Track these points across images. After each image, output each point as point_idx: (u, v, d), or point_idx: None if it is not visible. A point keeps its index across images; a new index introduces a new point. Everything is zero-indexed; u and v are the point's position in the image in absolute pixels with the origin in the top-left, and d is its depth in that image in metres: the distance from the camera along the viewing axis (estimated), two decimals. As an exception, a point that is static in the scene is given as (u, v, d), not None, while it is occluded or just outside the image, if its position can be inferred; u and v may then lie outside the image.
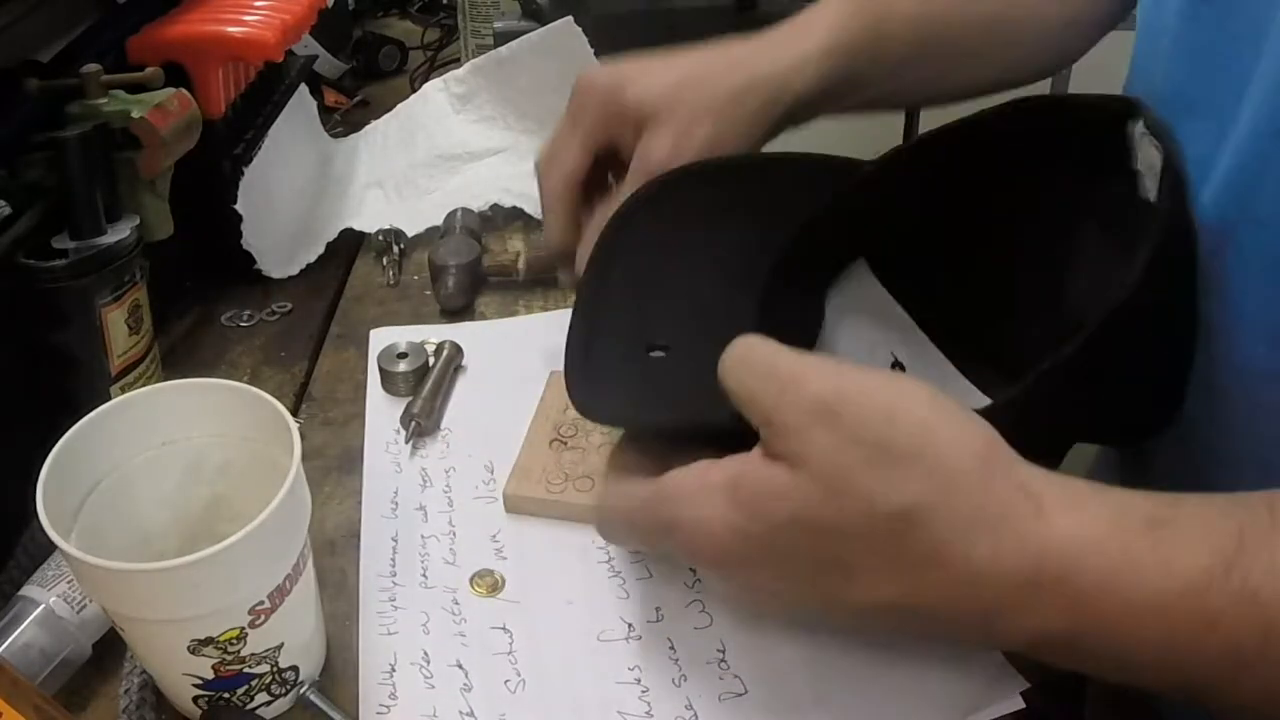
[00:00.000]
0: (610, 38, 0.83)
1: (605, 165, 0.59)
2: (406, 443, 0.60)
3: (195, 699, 0.44)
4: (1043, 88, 0.59)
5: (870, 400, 0.37)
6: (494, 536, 0.54)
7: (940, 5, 0.63)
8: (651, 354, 0.51)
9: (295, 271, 0.77)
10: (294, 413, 0.64)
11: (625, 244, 0.55)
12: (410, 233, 0.80)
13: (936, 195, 0.53)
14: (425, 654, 0.48)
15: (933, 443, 0.36)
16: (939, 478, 0.35)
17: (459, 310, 0.72)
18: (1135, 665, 0.36)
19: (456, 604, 0.51)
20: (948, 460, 0.35)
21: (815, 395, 0.37)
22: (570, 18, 0.83)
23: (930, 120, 0.54)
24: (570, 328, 0.52)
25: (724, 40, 0.61)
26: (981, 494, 0.35)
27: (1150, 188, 0.45)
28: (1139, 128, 0.46)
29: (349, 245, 0.81)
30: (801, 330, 0.56)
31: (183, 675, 0.43)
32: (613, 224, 0.56)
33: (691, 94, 0.57)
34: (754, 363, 0.39)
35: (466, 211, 0.79)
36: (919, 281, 0.56)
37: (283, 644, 0.44)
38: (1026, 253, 0.53)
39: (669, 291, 0.54)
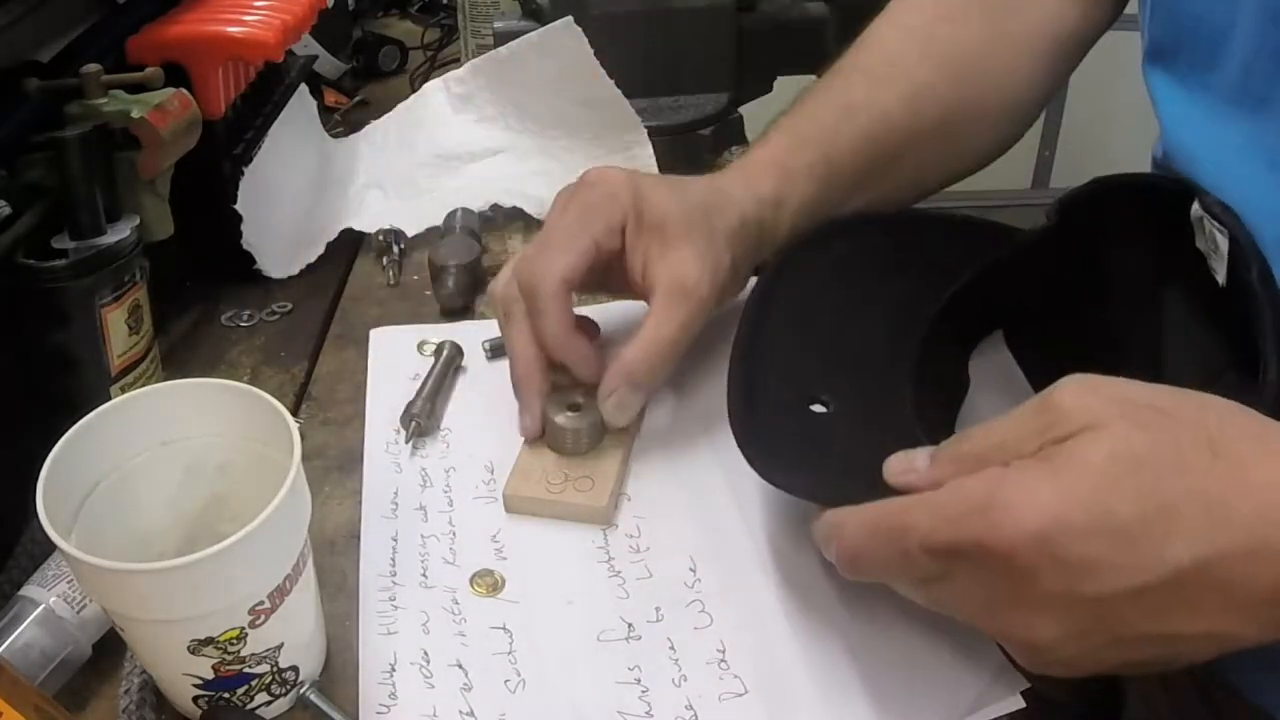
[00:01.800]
0: (610, 38, 0.84)
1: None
2: (406, 443, 0.60)
3: (195, 699, 0.44)
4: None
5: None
6: (494, 536, 0.54)
7: (883, 127, 0.62)
8: (812, 408, 0.51)
9: (295, 271, 0.77)
10: (294, 413, 0.64)
11: (782, 290, 0.55)
12: (410, 233, 0.80)
13: (1062, 270, 0.55)
14: (425, 654, 0.48)
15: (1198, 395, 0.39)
16: (1221, 403, 0.39)
17: (459, 310, 0.72)
18: None
19: (456, 604, 0.51)
20: (1225, 401, 0.39)
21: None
22: (570, 18, 0.83)
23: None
24: (729, 375, 0.52)
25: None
26: (1256, 421, 0.38)
27: (1219, 269, 0.47)
28: (1195, 209, 0.48)
29: (349, 245, 0.80)
30: (952, 393, 0.56)
31: (183, 675, 0.43)
32: (771, 268, 0.57)
33: (705, 219, 0.56)
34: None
35: (466, 211, 0.79)
36: (1041, 355, 0.58)
37: (283, 644, 0.44)
38: (1126, 320, 0.54)
39: (826, 341, 0.54)
